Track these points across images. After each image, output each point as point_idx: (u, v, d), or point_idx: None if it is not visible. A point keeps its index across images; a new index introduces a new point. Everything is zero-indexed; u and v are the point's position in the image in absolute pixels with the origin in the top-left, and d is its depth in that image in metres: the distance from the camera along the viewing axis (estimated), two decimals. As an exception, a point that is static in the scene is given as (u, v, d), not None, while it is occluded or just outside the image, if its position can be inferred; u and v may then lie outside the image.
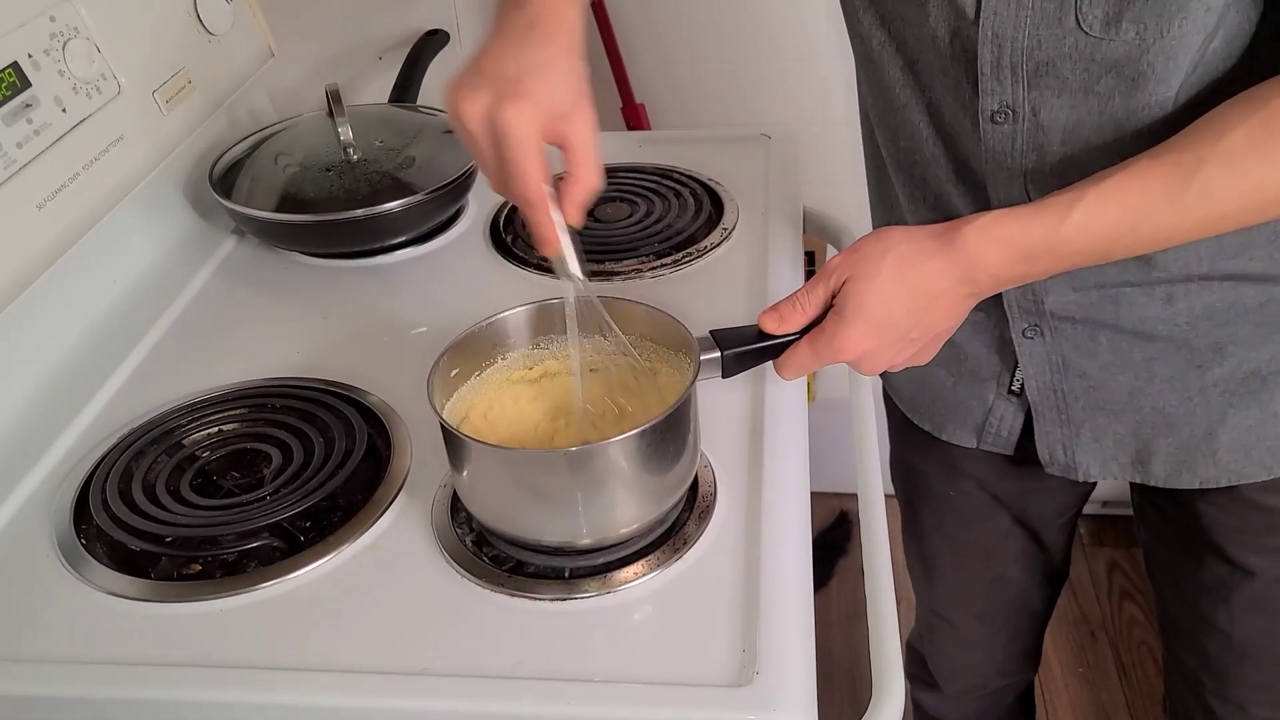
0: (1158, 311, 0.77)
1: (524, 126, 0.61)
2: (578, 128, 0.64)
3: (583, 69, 0.65)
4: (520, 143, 0.61)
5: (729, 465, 0.77)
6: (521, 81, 0.61)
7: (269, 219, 1.01)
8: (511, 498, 0.68)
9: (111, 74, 0.93)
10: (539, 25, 0.64)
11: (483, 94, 0.61)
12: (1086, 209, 0.63)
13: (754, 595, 0.66)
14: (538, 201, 0.63)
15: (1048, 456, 0.88)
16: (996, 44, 0.69)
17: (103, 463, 0.80)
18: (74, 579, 0.71)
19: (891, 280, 0.66)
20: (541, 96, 0.61)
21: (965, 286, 0.67)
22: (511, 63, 0.62)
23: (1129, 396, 0.82)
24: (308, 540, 0.73)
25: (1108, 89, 0.67)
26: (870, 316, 0.66)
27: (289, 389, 0.87)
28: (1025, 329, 0.82)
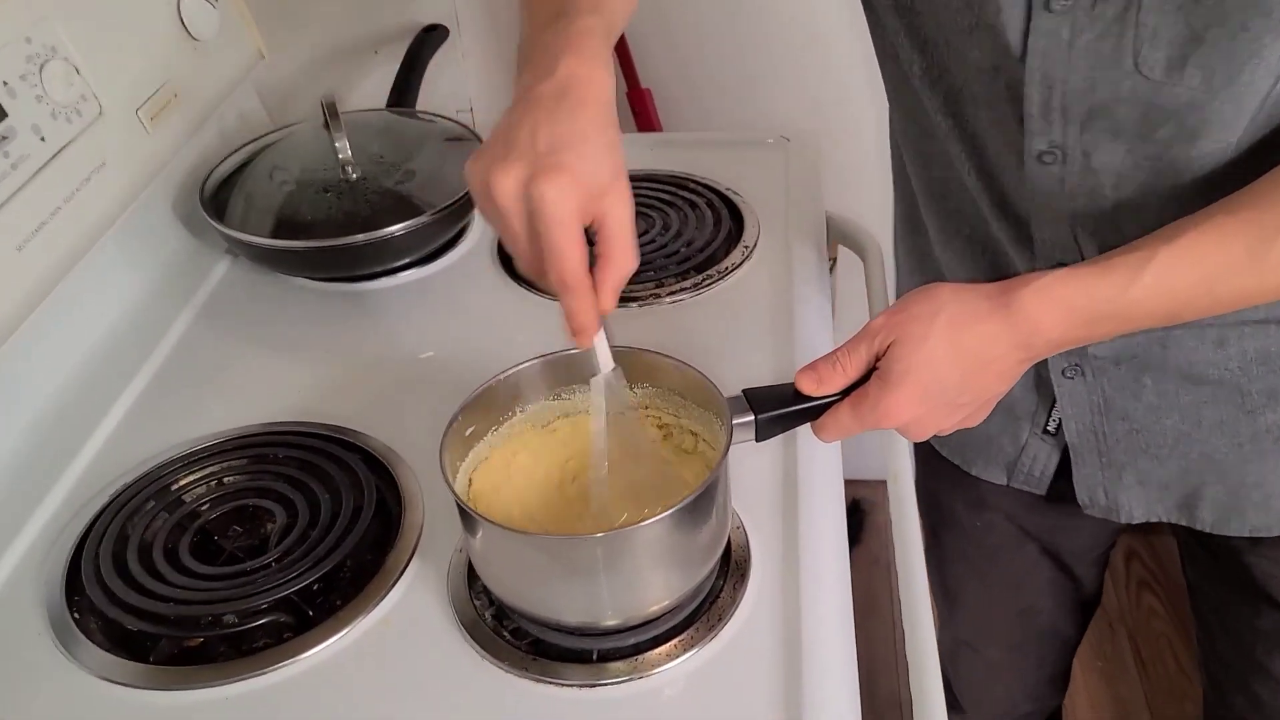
0: (1208, 355, 0.72)
1: (563, 204, 0.55)
2: (614, 205, 0.58)
3: (618, 139, 0.60)
4: (559, 223, 0.56)
5: (760, 521, 0.72)
6: (558, 155, 0.56)
7: (265, 245, 0.95)
8: (531, 577, 0.63)
9: (92, 95, 0.87)
10: (571, 93, 0.58)
11: (516, 168, 0.56)
12: (1158, 270, 0.58)
13: (796, 676, 0.62)
14: (578, 287, 0.58)
15: (1087, 499, 0.84)
16: (1045, 85, 0.63)
17: (96, 523, 0.76)
18: (66, 661, 0.67)
19: (942, 343, 0.61)
20: (580, 171, 0.56)
21: (1021, 352, 0.62)
22: (545, 135, 0.56)
23: (1175, 441, 0.77)
24: (317, 615, 0.69)
25: (1167, 135, 0.62)
26: (918, 382, 0.61)
27: (291, 436, 0.82)
28: (1065, 369, 0.77)
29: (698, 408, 0.70)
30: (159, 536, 0.74)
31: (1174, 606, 1.82)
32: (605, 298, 0.59)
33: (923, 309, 0.62)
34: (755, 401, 0.67)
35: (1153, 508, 0.82)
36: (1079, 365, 0.77)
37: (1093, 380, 0.77)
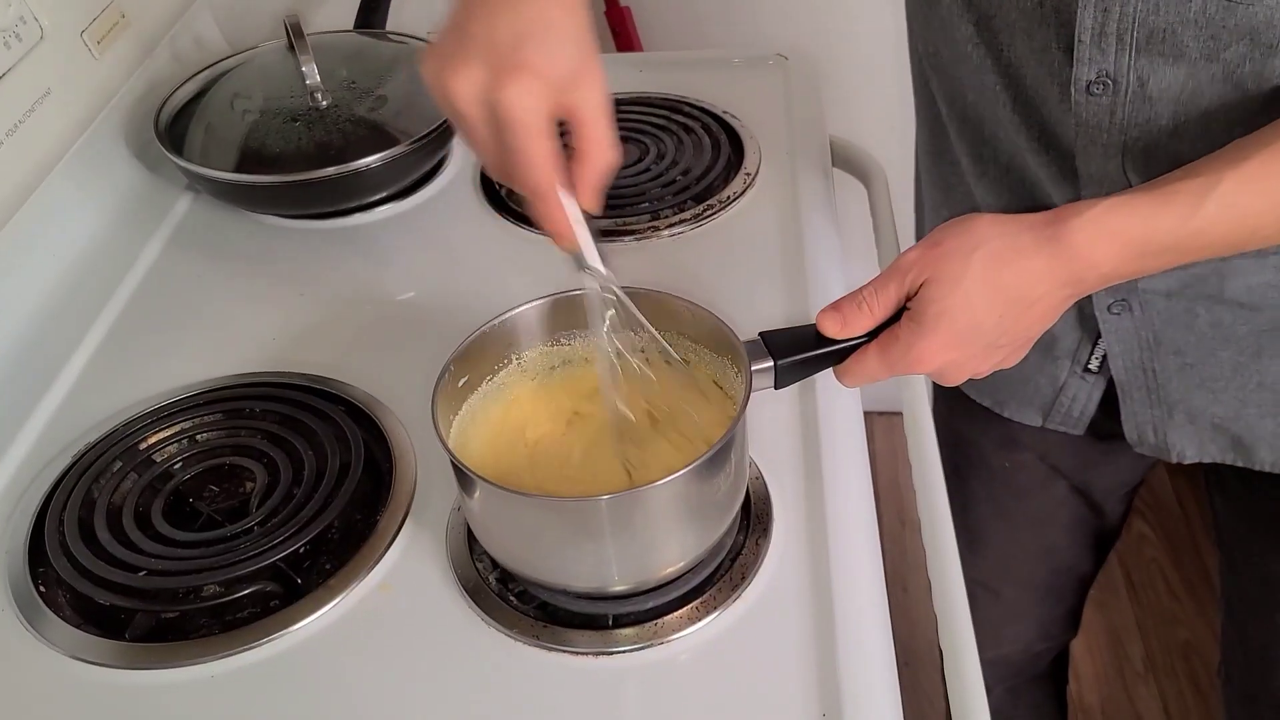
0: (1270, 278, 0.67)
1: (529, 108, 0.50)
2: (587, 96, 0.53)
3: (587, 22, 0.54)
4: (526, 128, 0.50)
5: (780, 471, 0.67)
6: (520, 50, 0.50)
7: (230, 180, 0.88)
8: (533, 541, 0.59)
9: (32, 16, 0.79)
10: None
11: (475, 68, 0.50)
12: (1224, 197, 0.53)
13: (829, 641, 0.57)
14: (548, 193, 0.53)
15: (1136, 436, 0.80)
16: (1101, 9, 0.58)
17: (58, 487, 0.70)
18: (33, 639, 0.62)
19: (980, 283, 0.55)
20: (545, 65, 0.50)
21: (1068, 289, 0.57)
22: (504, 26, 0.51)
23: (1232, 373, 0.73)
24: (306, 583, 0.64)
25: (1237, 56, 0.56)
26: (954, 325, 0.56)
27: (267, 388, 0.76)
28: (1111, 304, 0.72)
29: (711, 353, 0.64)
30: (129, 500, 0.68)
31: (1164, 532, 1.81)
32: (586, 196, 0.54)
33: (960, 244, 0.56)
34: (774, 346, 0.61)
35: (1205, 448, 0.78)
36: (1125, 300, 0.72)
37: (1141, 315, 0.72)
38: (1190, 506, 1.83)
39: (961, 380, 0.60)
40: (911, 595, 1.66)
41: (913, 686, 1.45)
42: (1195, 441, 0.78)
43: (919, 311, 0.57)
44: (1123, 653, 1.66)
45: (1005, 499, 1.00)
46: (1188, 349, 0.73)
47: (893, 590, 1.74)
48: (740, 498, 0.62)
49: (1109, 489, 0.97)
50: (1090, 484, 0.96)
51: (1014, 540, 1.03)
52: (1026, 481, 0.96)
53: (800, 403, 0.71)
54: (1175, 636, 1.67)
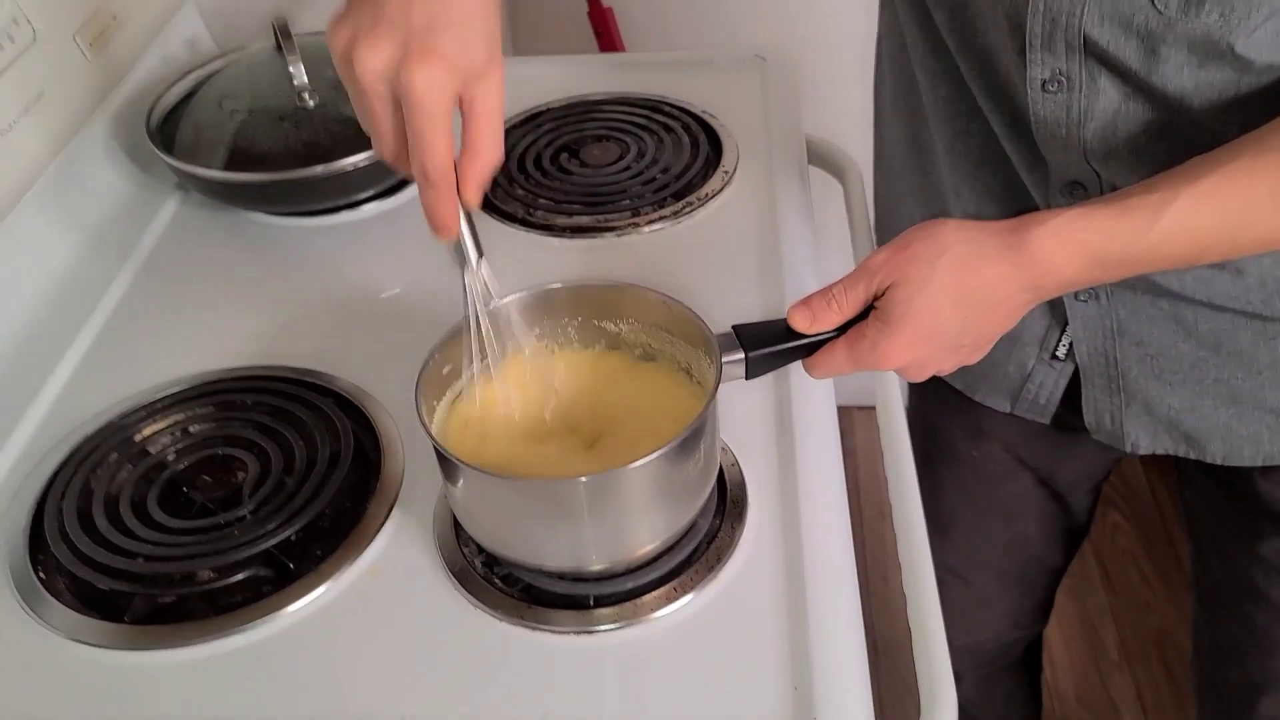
0: (1227, 286, 0.70)
1: (435, 93, 0.51)
2: (485, 90, 0.54)
3: (498, 20, 0.56)
4: (429, 113, 0.52)
5: (755, 457, 0.70)
6: (433, 34, 0.51)
7: (220, 178, 0.90)
8: (513, 523, 0.61)
9: (24, 18, 0.81)
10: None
11: (386, 45, 0.51)
12: (1179, 214, 0.55)
13: (801, 618, 0.60)
14: (442, 182, 0.54)
15: (1094, 421, 0.83)
16: (1049, 18, 0.61)
17: (56, 477, 0.72)
18: (34, 623, 0.64)
19: (946, 287, 0.58)
20: (455, 53, 0.52)
21: (1030, 294, 0.60)
22: (420, 10, 0.52)
23: (1190, 366, 0.76)
24: (298, 568, 0.66)
25: (1177, 65, 0.59)
26: (920, 326, 0.59)
27: (258, 381, 0.78)
28: (1079, 292, 0.75)
29: (685, 344, 0.67)
30: (125, 489, 0.71)
31: (1137, 521, 1.85)
32: (468, 192, 0.55)
33: (927, 248, 0.59)
34: (745, 338, 0.64)
35: (1159, 439, 0.81)
36: (1093, 289, 0.75)
37: (1107, 305, 0.75)
38: (1163, 496, 1.87)
39: (925, 377, 0.63)
40: (891, 586, 1.69)
41: (890, 674, 1.48)
42: (1150, 432, 0.81)
43: (886, 311, 0.59)
44: (1097, 640, 1.69)
45: (974, 487, 1.02)
46: (1149, 340, 0.76)
47: (872, 581, 1.76)
48: (711, 481, 0.64)
49: (1074, 482, 1.00)
50: (1055, 476, 0.98)
51: (982, 528, 1.06)
52: (994, 471, 0.99)
53: (775, 392, 0.74)
54: (1149, 624, 1.71)
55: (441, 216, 0.56)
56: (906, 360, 0.61)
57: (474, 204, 0.57)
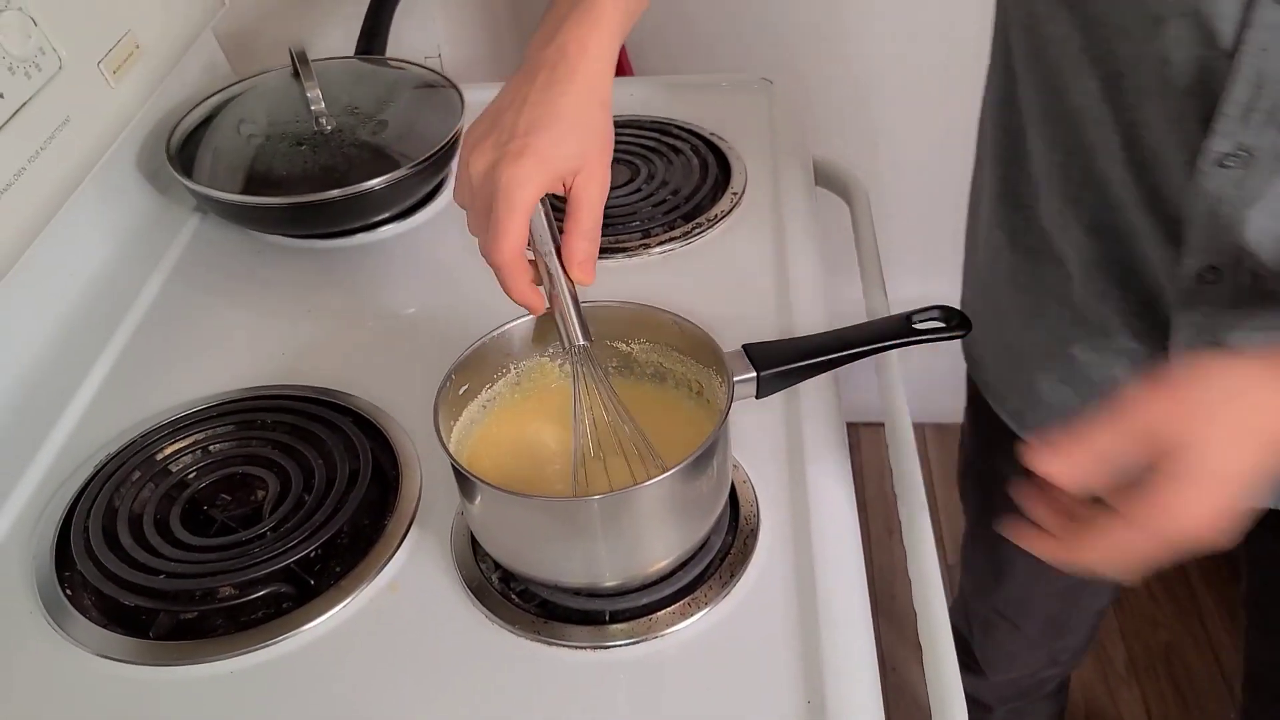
0: None
1: (518, 189, 0.57)
2: (583, 182, 0.61)
3: (602, 116, 0.62)
4: (509, 205, 0.57)
5: (766, 475, 0.71)
6: (529, 136, 0.58)
7: (239, 202, 0.92)
8: (529, 540, 0.62)
9: (51, 47, 0.83)
10: (561, 65, 0.60)
11: (490, 150, 0.58)
12: None
13: (813, 633, 0.61)
14: (505, 266, 0.59)
15: None
16: (1256, 84, 0.57)
17: (82, 496, 0.73)
18: (60, 639, 0.65)
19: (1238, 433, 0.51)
20: (548, 152, 0.58)
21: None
22: (526, 115, 0.59)
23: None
24: (318, 584, 0.67)
25: None
26: (1215, 476, 0.51)
27: (277, 400, 0.80)
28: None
29: (697, 364, 0.68)
30: (148, 508, 0.72)
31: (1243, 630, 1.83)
32: (570, 268, 0.61)
33: (1208, 394, 0.52)
34: (756, 357, 0.66)
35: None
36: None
37: None
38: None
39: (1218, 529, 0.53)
40: (899, 603, 1.70)
41: (899, 690, 1.48)
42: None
43: (1174, 467, 0.51)
44: (1105, 656, 1.70)
45: None
46: None
47: (881, 598, 1.77)
48: (723, 499, 0.65)
49: None
50: None
51: (1039, 577, 1.03)
52: None
53: (785, 410, 0.75)
54: (1156, 639, 1.71)
55: (514, 296, 0.61)
56: (1207, 513, 0.52)
57: (579, 279, 0.62)
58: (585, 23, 0.62)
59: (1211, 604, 1.74)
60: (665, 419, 0.69)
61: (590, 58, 0.61)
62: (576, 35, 0.61)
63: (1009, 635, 1.10)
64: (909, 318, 0.68)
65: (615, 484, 0.64)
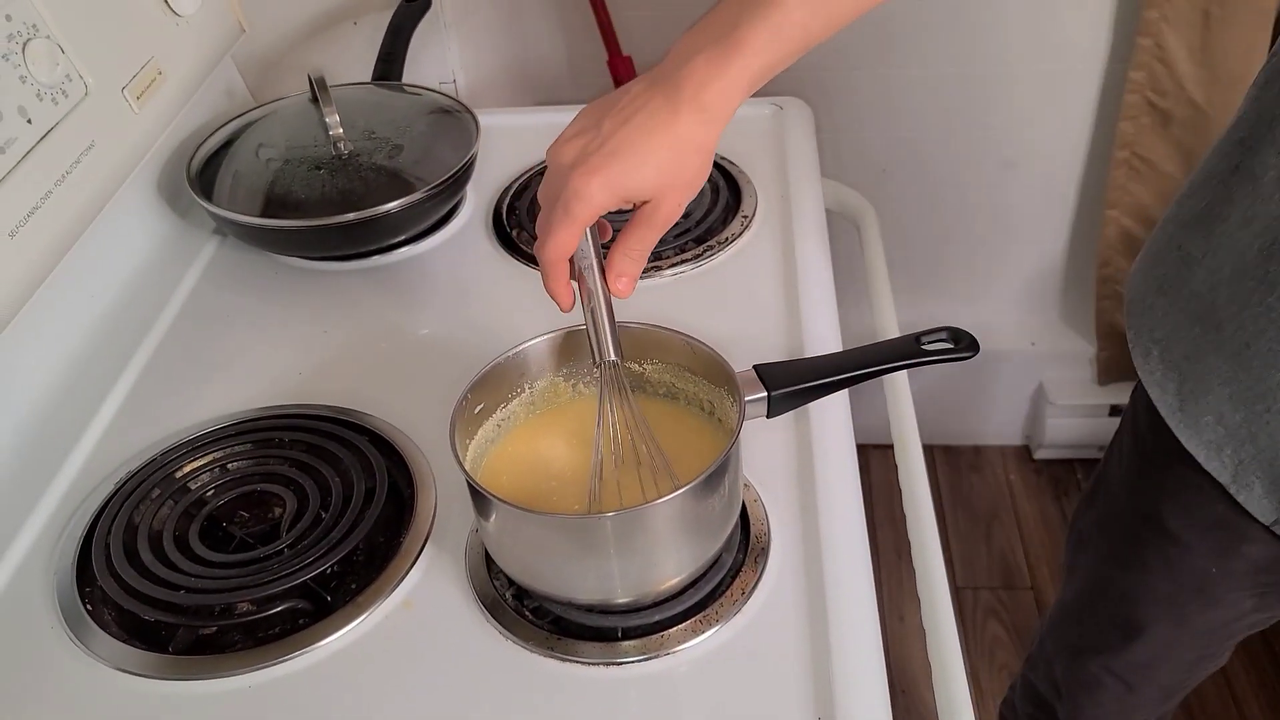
0: None
1: (581, 199, 0.58)
2: (650, 209, 0.61)
3: (694, 162, 0.61)
4: (567, 210, 0.59)
5: (777, 494, 0.72)
6: (610, 156, 0.59)
7: (256, 224, 0.93)
8: (542, 556, 0.63)
9: (77, 74, 0.85)
10: (683, 99, 0.60)
11: (575, 150, 0.60)
12: None
13: (823, 651, 0.62)
14: (550, 265, 0.61)
15: None
16: None
17: (103, 513, 0.75)
18: (81, 653, 0.66)
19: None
20: (618, 180, 0.59)
21: None
22: (620, 133, 0.59)
23: None
24: (335, 600, 0.68)
25: None
26: None
27: (295, 419, 0.81)
28: None
29: (709, 384, 0.69)
30: (168, 525, 0.73)
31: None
32: (612, 282, 0.62)
33: None
34: (767, 377, 0.67)
35: None
36: None
37: None
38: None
39: None
40: (908, 624, 1.70)
41: (908, 712, 1.48)
42: None
43: None
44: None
45: (1189, 605, 0.87)
46: None
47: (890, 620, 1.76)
48: (734, 517, 0.66)
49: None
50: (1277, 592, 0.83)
51: (1175, 646, 0.93)
52: (1223, 593, 0.84)
53: (796, 430, 0.76)
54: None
55: (548, 289, 0.63)
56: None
57: (617, 291, 0.63)
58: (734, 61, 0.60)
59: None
60: (677, 438, 0.70)
61: (714, 108, 0.60)
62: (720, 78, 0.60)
63: (1119, 698, 1.00)
64: (918, 339, 0.68)
65: (629, 500, 0.65)
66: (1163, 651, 0.94)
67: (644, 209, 0.61)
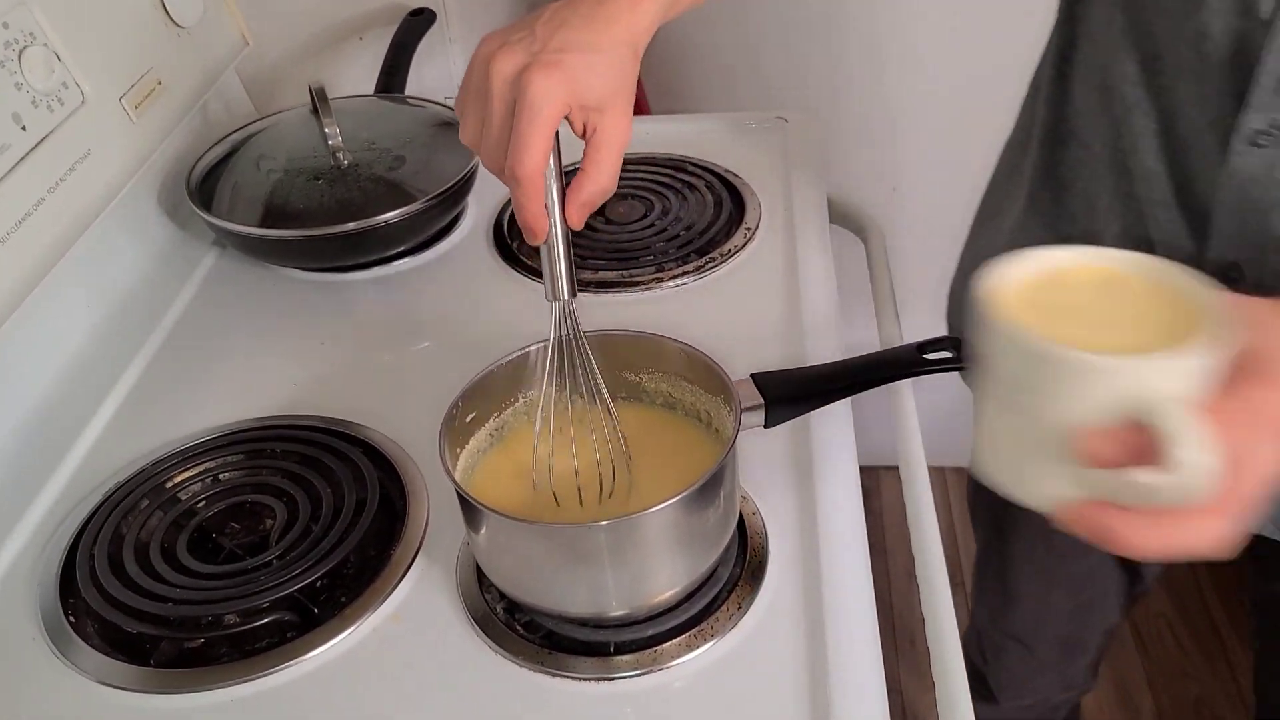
0: None
1: (546, 97, 0.54)
2: (606, 124, 0.58)
3: (634, 65, 0.59)
4: (534, 113, 0.55)
5: (775, 507, 0.70)
6: (563, 53, 0.55)
7: (255, 234, 0.93)
8: (533, 567, 0.61)
9: (74, 82, 0.84)
10: (607, 7, 0.58)
11: (521, 54, 0.56)
12: None
13: (821, 669, 0.60)
14: (528, 184, 0.56)
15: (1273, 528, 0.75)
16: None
17: (89, 523, 0.73)
18: (62, 665, 0.65)
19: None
20: (578, 75, 0.55)
21: None
22: (561, 33, 0.57)
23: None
24: (322, 612, 0.67)
25: None
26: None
27: (288, 430, 0.80)
28: None
29: (706, 393, 0.68)
30: (155, 535, 0.72)
31: (1172, 587, 1.82)
32: (572, 211, 0.58)
33: None
34: (764, 386, 0.65)
35: None
36: None
37: None
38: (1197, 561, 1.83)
39: None
40: (918, 649, 1.67)
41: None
42: None
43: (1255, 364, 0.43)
44: (1133, 707, 1.66)
45: (1047, 560, 1.00)
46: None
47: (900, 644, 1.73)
48: (731, 529, 0.65)
49: None
50: None
51: (1050, 598, 1.04)
52: (1069, 545, 0.95)
53: (795, 441, 0.74)
54: (1186, 691, 1.67)
55: (526, 218, 0.58)
56: None
57: (574, 223, 0.59)
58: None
59: (1242, 655, 1.70)
60: (674, 448, 0.68)
61: (639, 14, 0.59)
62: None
63: (1022, 659, 1.10)
64: (919, 348, 0.67)
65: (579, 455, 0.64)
66: (1041, 606, 1.04)
67: (603, 126, 0.58)
